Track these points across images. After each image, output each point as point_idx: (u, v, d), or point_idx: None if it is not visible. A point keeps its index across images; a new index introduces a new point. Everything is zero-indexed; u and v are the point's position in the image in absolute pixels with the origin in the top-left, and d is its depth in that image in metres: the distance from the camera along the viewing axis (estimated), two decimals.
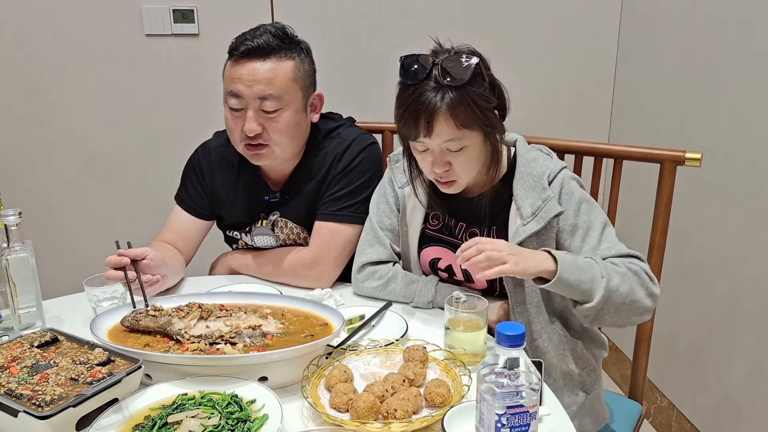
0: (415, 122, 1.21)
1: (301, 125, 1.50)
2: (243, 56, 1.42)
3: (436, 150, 1.24)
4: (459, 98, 1.18)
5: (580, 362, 1.36)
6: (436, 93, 1.18)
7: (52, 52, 2.28)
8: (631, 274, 1.22)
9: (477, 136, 1.23)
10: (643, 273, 1.24)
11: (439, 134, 1.20)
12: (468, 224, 1.39)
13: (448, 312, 1.18)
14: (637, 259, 1.27)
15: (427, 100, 1.18)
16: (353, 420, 0.97)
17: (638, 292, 1.22)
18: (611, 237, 1.29)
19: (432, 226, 1.43)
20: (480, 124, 1.22)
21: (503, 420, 0.82)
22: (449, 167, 1.25)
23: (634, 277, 1.22)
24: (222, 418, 0.95)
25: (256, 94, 1.41)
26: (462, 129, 1.20)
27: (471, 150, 1.24)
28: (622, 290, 1.19)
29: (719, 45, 1.93)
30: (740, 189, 1.86)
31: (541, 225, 1.26)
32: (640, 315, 1.25)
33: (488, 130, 1.24)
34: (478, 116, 1.20)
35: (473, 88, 1.19)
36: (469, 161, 1.25)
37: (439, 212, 1.42)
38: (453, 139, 1.21)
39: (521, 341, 0.82)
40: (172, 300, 1.28)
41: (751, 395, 1.85)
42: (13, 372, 1.00)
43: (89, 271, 1.36)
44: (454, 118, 1.19)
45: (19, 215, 1.23)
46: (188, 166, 1.65)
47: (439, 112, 1.18)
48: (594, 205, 1.31)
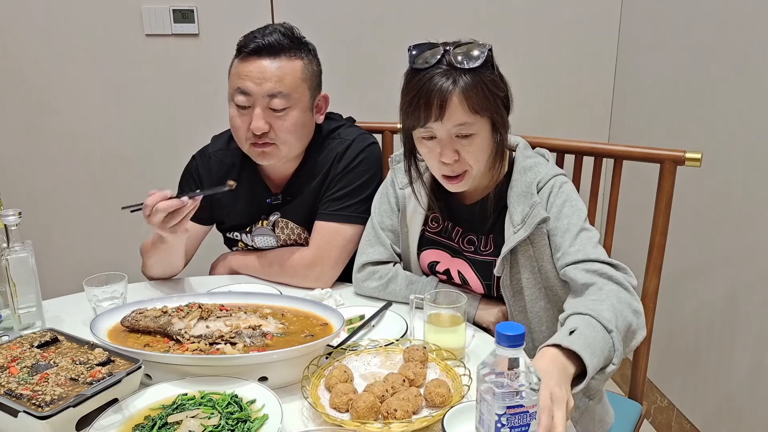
0: (426, 105, 1.19)
1: (307, 125, 1.50)
2: (252, 54, 1.42)
3: (444, 137, 1.22)
4: (472, 82, 1.18)
5: None
6: (448, 77, 1.18)
7: (52, 52, 2.28)
8: (618, 303, 1.12)
9: (486, 125, 1.22)
10: (624, 295, 1.14)
11: (450, 117, 1.19)
12: (465, 230, 1.38)
13: (427, 308, 1.19)
14: (620, 271, 1.19)
15: (440, 83, 1.18)
16: (353, 420, 0.97)
17: (630, 318, 1.12)
18: (583, 241, 1.23)
19: (431, 229, 1.43)
20: (491, 111, 1.21)
21: (503, 420, 0.82)
22: (458, 157, 1.23)
23: (621, 305, 1.12)
24: (222, 418, 0.95)
25: (266, 91, 1.41)
26: (474, 114, 1.19)
27: (480, 139, 1.22)
28: (621, 326, 1.09)
29: (719, 45, 1.93)
30: (740, 189, 1.86)
31: (529, 232, 1.25)
32: (636, 341, 1.15)
33: (497, 120, 1.23)
34: (490, 102, 1.20)
35: (486, 74, 1.20)
36: (478, 151, 1.23)
37: (439, 215, 1.41)
38: (464, 124, 1.20)
39: (521, 341, 0.82)
40: (172, 300, 1.28)
41: (751, 395, 1.85)
42: (13, 372, 1.00)
43: (89, 271, 1.36)
44: (468, 100, 1.18)
45: (19, 215, 1.23)
46: (186, 173, 1.64)
47: (453, 93, 1.17)
48: (577, 209, 1.27)
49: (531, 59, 2.49)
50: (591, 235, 1.25)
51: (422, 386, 1.06)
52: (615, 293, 1.14)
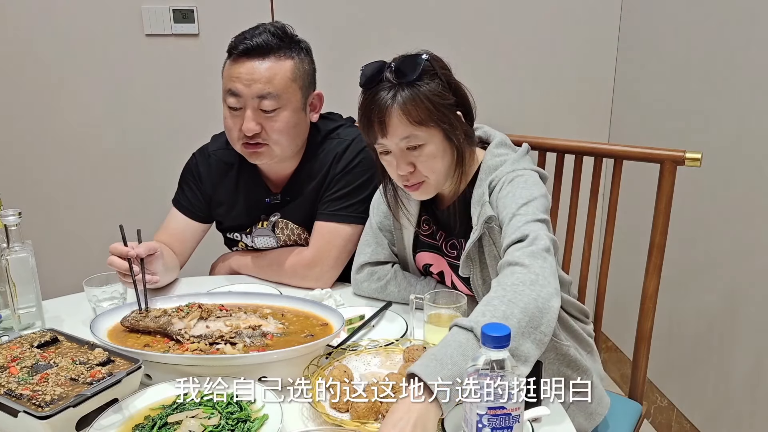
0: (369, 123, 1.23)
1: (300, 125, 1.50)
2: (242, 55, 1.42)
3: (395, 150, 1.23)
4: (410, 95, 1.19)
5: (572, 364, 1.36)
6: (388, 92, 1.20)
7: (52, 52, 2.28)
8: (517, 286, 1.02)
9: (436, 134, 1.23)
10: (528, 271, 1.04)
11: (394, 133, 1.21)
12: (446, 233, 1.38)
13: (427, 308, 1.19)
14: (529, 245, 1.08)
15: (380, 99, 1.21)
16: (353, 420, 0.97)
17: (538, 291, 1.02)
18: (512, 226, 1.14)
19: (423, 232, 1.43)
20: (436, 121, 1.21)
21: (484, 420, 0.81)
22: (413, 168, 1.24)
23: (524, 284, 1.02)
24: (222, 418, 0.95)
25: (255, 93, 1.41)
26: (417, 125, 1.20)
27: (431, 148, 1.23)
28: (522, 316, 0.99)
29: (719, 45, 1.93)
30: (740, 189, 1.86)
31: (480, 232, 1.24)
32: (555, 312, 1.03)
33: (447, 128, 1.23)
34: (432, 113, 1.21)
35: (425, 85, 1.20)
36: (430, 160, 1.24)
37: (429, 217, 1.41)
38: (408, 137, 1.21)
39: (506, 342, 0.81)
40: (172, 300, 1.28)
41: (751, 395, 1.85)
42: (13, 372, 1.00)
43: (89, 271, 1.36)
44: (407, 114, 1.19)
45: (19, 215, 1.23)
46: (186, 170, 1.64)
47: (391, 109, 1.20)
48: (514, 196, 1.19)
49: (531, 59, 2.48)
50: (523, 213, 1.15)
51: None
52: (512, 286, 1.03)
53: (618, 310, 2.23)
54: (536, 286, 1.02)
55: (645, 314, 1.55)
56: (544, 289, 1.03)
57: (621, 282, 2.21)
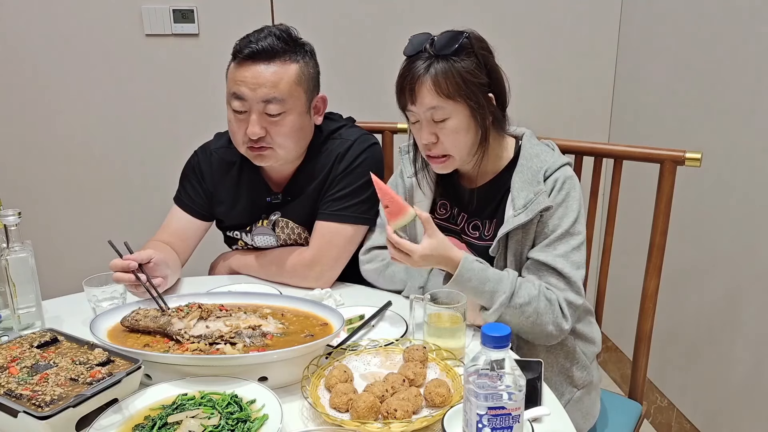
0: (402, 89, 1.29)
1: (304, 128, 1.50)
2: (247, 59, 1.42)
3: (422, 120, 1.29)
4: (443, 68, 1.24)
5: (571, 358, 1.37)
6: (424, 62, 1.26)
7: (52, 52, 2.28)
8: (543, 300, 1.24)
9: (462, 109, 1.27)
10: (557, 304, 1.25)
11: (422, 102, 1.26)
12: (469, 215, 1.41)
13: (427, 308, 1.19)
14: (570, 289, 1.26)
15: (415, 68, 1.26)
16: (353, 420, 0.97)
17: (545, 317, 1.24)
18: (560, 246, 1.28)
19: (439, 215, 1.45)
20: (464, 97, 1.25)
21: (484, 420, 0.81)
22: (436, 139, 1.29)
23: (546, 304, 1.24)
24: (222, 418, 0.95)
25: (260, 97, 1.41)
26: (444, 98, 1.25)
27: (454, 122, 1.27)
28: (527, 310, 1.23)
29: (719, 45, 1.93)
30: (740, 189, 1.86)
31: (530, 217, 1.27)
32: (545, 338, 1.28)
33: (473, 105, 1.27)
34: (461, 88, 1.25)
35: (460, 61, 1.25)
36: (453, 134, 1.28)
37: (447, 201, 1.44)
38: (435, 107, 1.26)
39: (506, 342, 0.81)
40: (172, 300, 1.28)
41: (751, 395, 1.85)
42: (12, 372, 1.00)
43: (89, 271, 1.36)
44: (436, 86, 1.24)
45: (19, 215, 1.23)
46: (187, 167, 1.65)
47: (423, 78, 1.25)
48: (571, 210, 1.30)
49: (531, 59, 2.48)
50: (572, 242, 1.29)
51: (422, 386, 1.06)
52: (551, 302, 1.25)
53: (618, 310, 2.23)
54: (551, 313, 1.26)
55: (645, 314, 1.55)
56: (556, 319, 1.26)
57: (621, 282, 2.21)
